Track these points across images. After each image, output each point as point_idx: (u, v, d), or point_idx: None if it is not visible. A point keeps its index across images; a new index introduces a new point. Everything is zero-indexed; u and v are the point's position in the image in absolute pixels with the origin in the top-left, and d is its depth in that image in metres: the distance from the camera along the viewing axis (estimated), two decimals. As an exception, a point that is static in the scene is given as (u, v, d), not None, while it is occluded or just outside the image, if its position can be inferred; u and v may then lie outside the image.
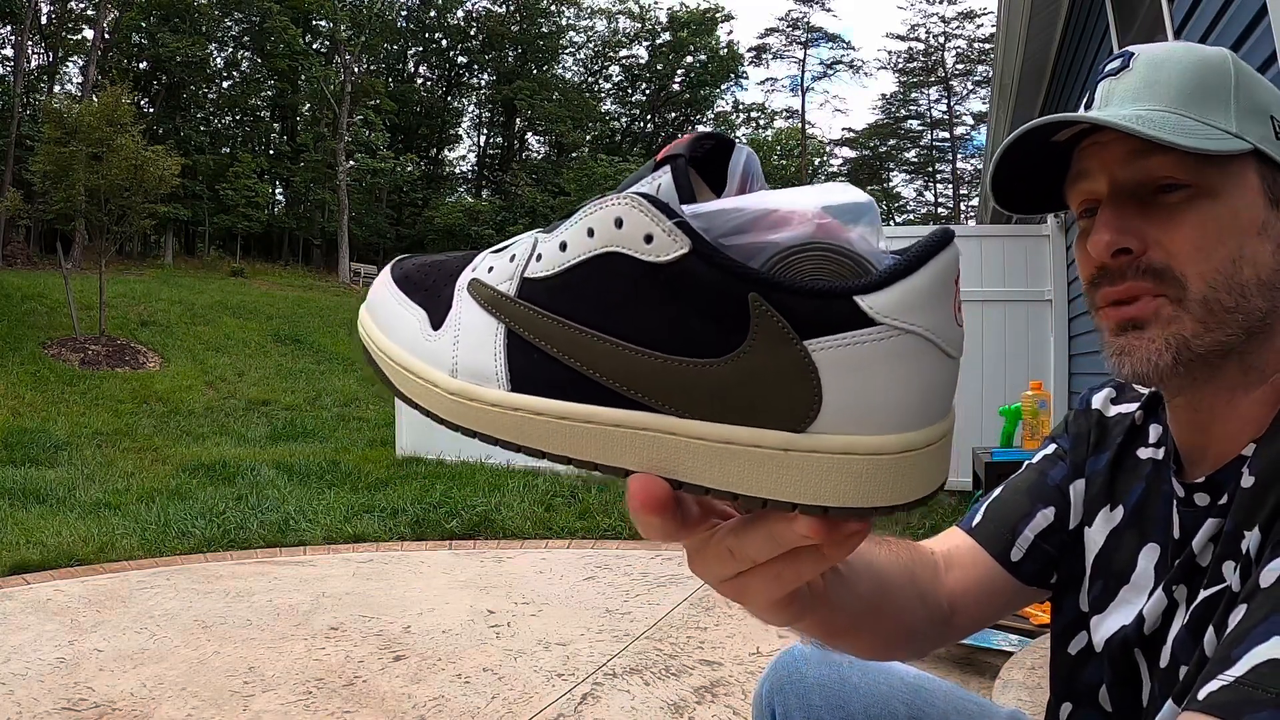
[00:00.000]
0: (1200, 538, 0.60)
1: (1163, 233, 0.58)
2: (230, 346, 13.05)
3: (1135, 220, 0.59)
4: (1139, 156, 0.59)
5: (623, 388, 0.32)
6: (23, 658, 2.58)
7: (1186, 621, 0.59)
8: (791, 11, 45.39)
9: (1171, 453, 0.67)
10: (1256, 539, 0.54)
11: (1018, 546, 0.75)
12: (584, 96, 37.68)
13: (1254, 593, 0.50)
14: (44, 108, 14.40)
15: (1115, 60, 0.63)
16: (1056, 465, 0.78)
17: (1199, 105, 0.58)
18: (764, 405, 0.31)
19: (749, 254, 0.31)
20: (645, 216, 0.31)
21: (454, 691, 2.37)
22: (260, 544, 4.30)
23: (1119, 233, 0.59)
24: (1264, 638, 0.46)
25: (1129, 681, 0.66)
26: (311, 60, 29.98)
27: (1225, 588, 0.56)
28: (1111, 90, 0.62)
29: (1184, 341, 0.58)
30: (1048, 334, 5.24)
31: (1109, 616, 0.68)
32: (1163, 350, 0.58)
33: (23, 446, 7.00)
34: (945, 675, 0.84)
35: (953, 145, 37.67)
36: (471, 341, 0.36)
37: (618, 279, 0.32)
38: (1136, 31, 3.37)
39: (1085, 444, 0.76)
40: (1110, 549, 0.70)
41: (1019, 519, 0.76)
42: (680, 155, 0.33)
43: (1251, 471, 0.57)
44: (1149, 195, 0.59)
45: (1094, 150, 0.61)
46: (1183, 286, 0.58)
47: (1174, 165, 0.58)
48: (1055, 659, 0.75)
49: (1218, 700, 0.46)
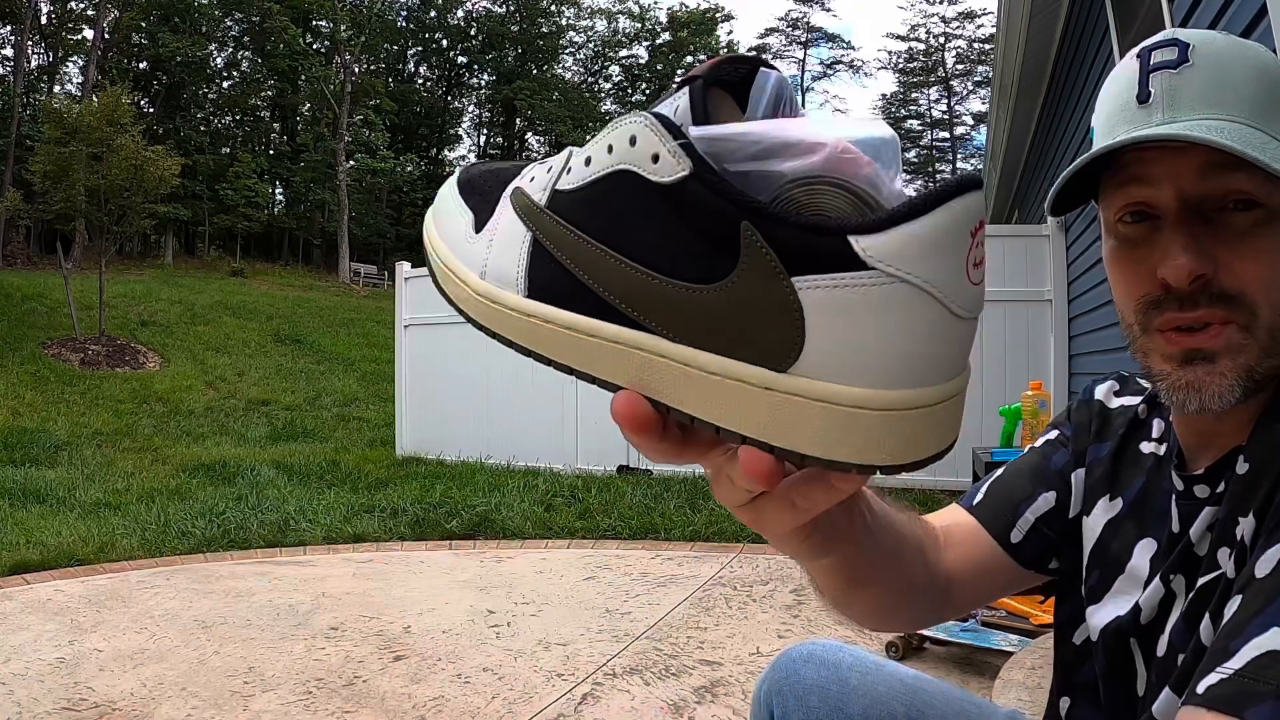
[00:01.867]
0: (1198, 526, 0.60)
1: (1235, 257, 0.55)
2: (230, 346, 13.05)
3: (1208, 242, 0.55)
4: (1217, 171, 0.55)
5: (623, 305, 0.33)
6: (23, 658, 2.58)
7: (1184, 610, 0.59)
8: (791, 11, 45.43)
9: (1174, 449, 0.67)
10: (1251, 525, 0.53)
11: (1018, 528, 0.75)
12: (584, 96, 37.68)
13: (1249, 582, 0.50)
14: (44, 108, 14.40)
15: (1167, 49, 0.58)
16: (1059, 451, 0.78)
17: (1268, 118, 0.55)
18: (749, 339, 0.30)
19: (759, 182, 0.31)
20: (654, 136, 0.31)
21: (454, 691, 2.37)
22: (260, 544, 4.30)
23: (1198, 257, 0.55)
24: (1262, 629, 0.46)
25: (1122, 671, 0.66)
26: (311, 60, 29.97)
27: (1220, 575, 0.56)
28: (1176, 88, 0.57)
29: (1250, 370, 0.56)
30: (1048, 334, 5.24)
31: (1104, 606, 0.69)
32: (1235, 385, 0.56)
33: (23, 446, 7.00)
34: (945, 675, 0.84)
35: (953, 145, 37.71)
36: (502, 246, 0.38)
37: (627, 197, 0.32)
38: (1136, 32, 3.37)
39: (1087, 433, 0.76)
40: (1107, 539, 0.70)
41: (1021, 500, 0.76)
42: (699, 77, 0.33)
43: (1247, 459, 0.57)
44: (1216, 213, 0.56)
45: (1163, 156, 0.57)
46: (1254, 314, 0.55)
47: (1252, 183, 0.54)
48: (1058, 651, 0.75)
49: (1218, 694, 0.45)
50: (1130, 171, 0.59)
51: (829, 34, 39.16)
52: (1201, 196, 0.56)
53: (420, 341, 7.21)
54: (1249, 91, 0.56)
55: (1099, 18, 3.94)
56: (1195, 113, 0.56)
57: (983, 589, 0.76)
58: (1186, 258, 0.55)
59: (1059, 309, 5.19)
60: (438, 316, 7.19)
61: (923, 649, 2.54)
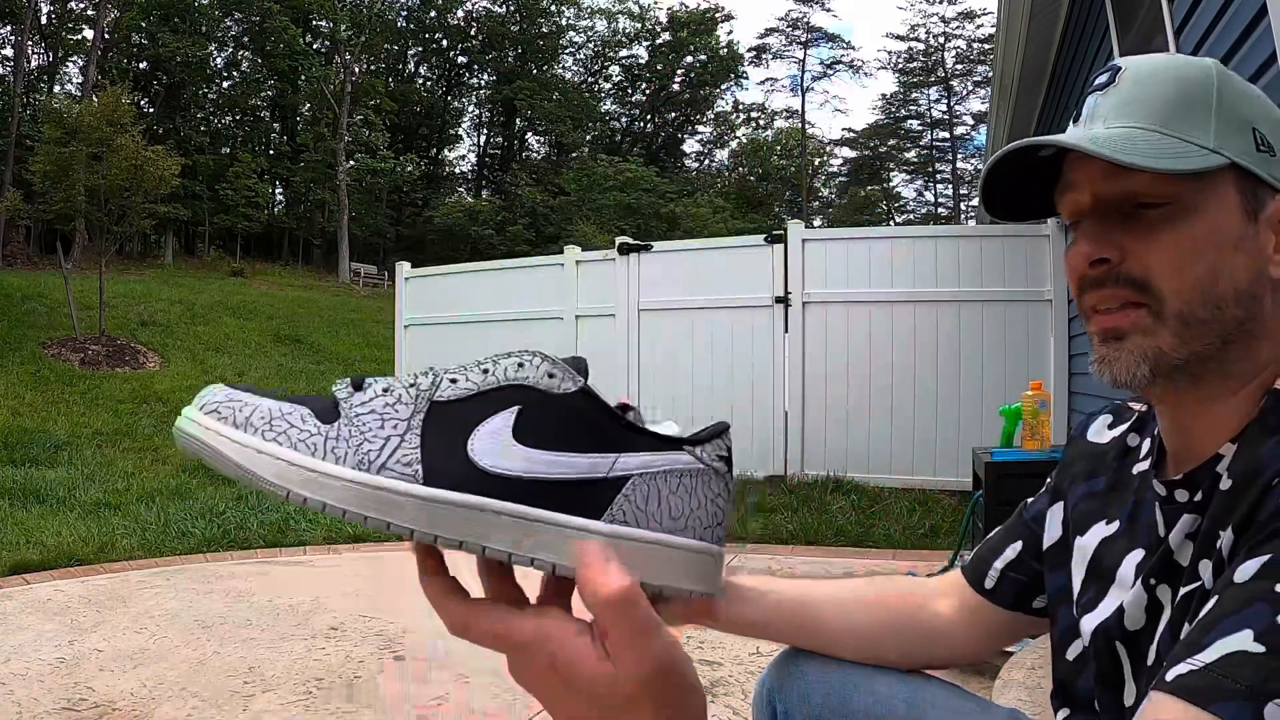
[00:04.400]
0: (1177, 533, 0.62)
1: (1142, 246, 0.60)
2: (230, 346, 13.05)
3: (1115, 233, 0.61)
4: (1117, 174, 0.60)
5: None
6: (23, 658, 2.58)
7: (1170, 619, 0.60)
8: (791, 11, 45.42)
9: (1155, 455, 0.69)
10: (1230, 539, 0.54)
11: (989, 576, 0.85)
12: (584, 96, 37.68)
13: (1228, 585, 0.50)
14: (44, 108, 14.40)
15: (1104, 74, 0.65)
16: (1039, 500, 0.85)
17: (1180, 120, 0.60)
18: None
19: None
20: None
21: (454, 691, 2.37)
22: (260, 544, 4.30)
23: (1097, 244, 0.61)
24: (1236, 628, 0.47)
25: (1111, 676, 0.66)
26: (311, 60, 29.97)
27: (1200, 585, 0.57)
28: (1098, 105, 0.64)
29: (1160, 353, 0.60)
30: (1048, 334, 5.24)
31: (1095, 613, 0.70)
32: (1140, 362, 0.60)
33: (23, 446, 7.00)
34: (945, 675, 0.84)
35: (953, 145, 37.68)
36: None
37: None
38: (1136, 32, 3.37)
39: (1068, 473, 0.81)
40: (1101, 555, 0.72)
41: (993, 555, 0.86)
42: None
43: (1230, 474, 0.58)
44: (1130, 209, 0.61)
45: (1079, 163, 0.63)
46: (1161, 300, 0.60)
47: (1150, 183, 0.59)
48: (1055, 668, 0.77)
49: (1187, 684, 0.46)
50: (1065, 180, 0.65)
51: (829, 34, 38.99)
52: (1114, 197, 0.61)
53: (420, 341, 7.22)
54: (1160, 98, 0.61)
55: (1099, 18, 3.94)
56: (1104, 123, 0.62)
57: (975, 638, 0.86)
58: (1086, 244, 0.62)
59: (1059, 309, 5.19)
60: (438, 316, 7.20)
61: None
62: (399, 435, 0.41)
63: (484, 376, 0.43)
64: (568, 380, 0.43)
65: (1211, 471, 0.60)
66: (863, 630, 0.84)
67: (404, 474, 0.40)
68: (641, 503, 0.43)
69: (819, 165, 39.99)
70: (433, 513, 0.40)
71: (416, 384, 0.43)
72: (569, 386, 0.42)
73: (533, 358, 0.43)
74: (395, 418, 0.41)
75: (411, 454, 0.41)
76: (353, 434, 0.41)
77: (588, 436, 0.42)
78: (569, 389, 0.42)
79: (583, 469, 0.42)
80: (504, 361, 0.43)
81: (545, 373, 0.42)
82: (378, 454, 0.40)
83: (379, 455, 0.40)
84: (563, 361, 0.43)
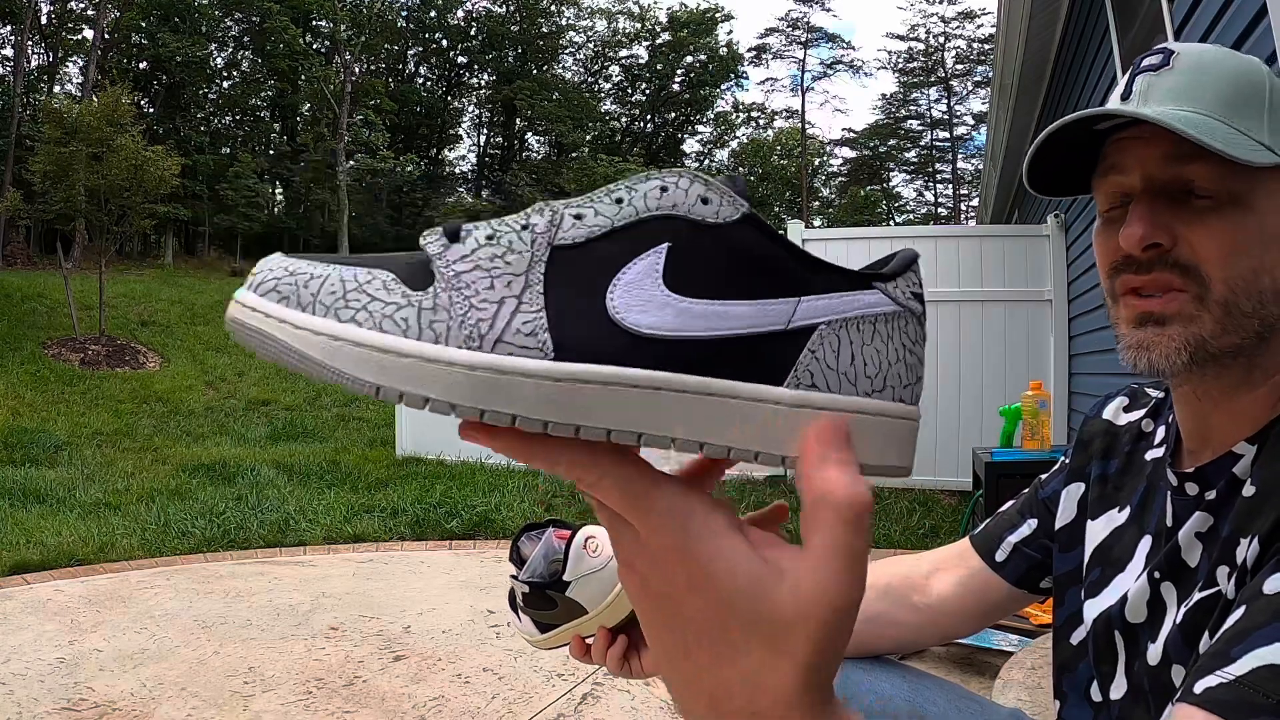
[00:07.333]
0: (1187, 530, 0.62)
1: (1193, 233, 0.59)
2: (230, 346, 13.04)
3: (1167, 217, 0.60)
4: (1177, 159, 0.59)
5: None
6: (23, 658, 2.58)
7: (1180, 622, 0.59)
8: (791, 11, 45.40)
9: (1171, 444, 0.69)
10: (1254, 550, 0.54)
11: (1002, 549, 0.85)
12: (584, 96, 37.66)
13: (1256, 596, 0.50)
14: (44, 108, 14.39)
15: (1155, 55, 0.63)
16: (1055, 479, 0.84)
17: (1239, 114, 0.59)
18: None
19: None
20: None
21: (454, 691, 2.37)
22: (260, 544, 4.30)
23: (1153, 228, 0.60)
24: (1266, 641, 0.46)
25: (1104, 665, 0.67)
26: (311, 60, 29.96)
27: (1218, 593, 0.57)
28: (1151, 86, 0.62)
29: (1202, 342, 0.59)
30: (1048, 334, 5.23)
31: (1100, 599, 0.70)
32: (1181, 349, 0.59)
33: (23, 446, 7.00)
34: (945, 675, 0.85)
35: (953, 145, 37.67)
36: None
37: None
38: (1136, 32, 3.37)
39: (1086, 451, 0.80)
40: (1111, 542, 0.72)
41: (1007, 529, 0.86)
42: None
43: (1254, 481, 0.57)
44: (1181, 196, 0.60)
45: (1131, 146, 0.62)
46: (1206, 287, 0.59)
47: (1209, 172, 0.59)
48: (1056, 653, 0.76)
49: (1216, 697, 0.46)
50: (1109, 162, 0.64)
51: (829, 34, 38.95)
52: (1165, 181, 0.61)
53: (420, 341, 7.21)
54: (1219, 90, 0.60)
55: (1099, 18, 3.94)
56: (1164, 105, 0.60)
57: (972, 613, 0.85)
58: (1140, 225, 0.60)
59: (1059, 309, 5.19)
60: (438, 316, 7.18)
61: (923, 649, 2.54)
62: (515, 295, 0.32)
63: (618, 208, 0.33)
64: (727, 205, 0.33)
65: (1228, 471, 0.60)
66: (861, 614, 0.83)
67: (529, 347, 0.31)
68: (832, 360, 0.34)
69: (819, 165, 39.97)
70: (585, 396, 0.30)
71: (530, 224, 0.33)
72: (730, 214, 0.33)
73: (679, 178, 0.33)
74: (508, 272, 0.32)
75: (534, 319, 0.31)
76: (454, 300, 0.32)
77: (759, 277, 0.33)
78: (730, 216, 0.33)
79: (755, 320, 0.33)
80: (641, 186, 0.33)
81: (698, 197, 0.33)
82: (490, 324, 0.31)
83: (492, 326, 0.31)
84: (718, 181, 0.34)
